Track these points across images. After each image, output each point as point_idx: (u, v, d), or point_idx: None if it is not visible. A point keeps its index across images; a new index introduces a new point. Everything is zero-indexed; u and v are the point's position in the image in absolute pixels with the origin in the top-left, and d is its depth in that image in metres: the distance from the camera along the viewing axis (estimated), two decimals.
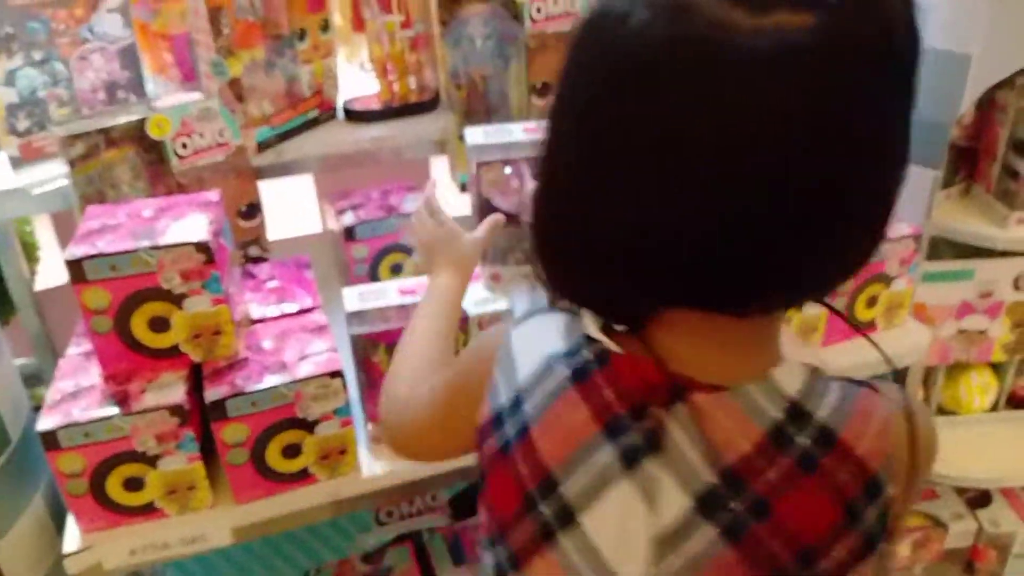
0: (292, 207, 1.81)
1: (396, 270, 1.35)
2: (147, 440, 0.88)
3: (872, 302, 1.20)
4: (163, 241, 0.86)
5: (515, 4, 1.24)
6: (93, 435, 0.86)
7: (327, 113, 1.46)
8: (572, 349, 0.54)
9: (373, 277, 1.33)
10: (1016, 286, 1.38)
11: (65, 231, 1.43)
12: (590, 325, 0.55)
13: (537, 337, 0.56)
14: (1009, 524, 1.55)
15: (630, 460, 0.50)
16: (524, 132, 1.07)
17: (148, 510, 0.93)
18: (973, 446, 1.45)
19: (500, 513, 0.55)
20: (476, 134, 1.06)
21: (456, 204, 1.34)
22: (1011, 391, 1.52)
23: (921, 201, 1.27)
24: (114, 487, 0.90)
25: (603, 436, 0.50)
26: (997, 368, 1.49)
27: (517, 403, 0.54)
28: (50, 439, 0.86)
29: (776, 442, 0.50)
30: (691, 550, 0.50)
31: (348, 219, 1.29)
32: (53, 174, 1.26)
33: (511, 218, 0.97)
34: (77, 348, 0.98)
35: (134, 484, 0.91)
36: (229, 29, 1.26)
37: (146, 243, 0.86)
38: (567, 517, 0.51)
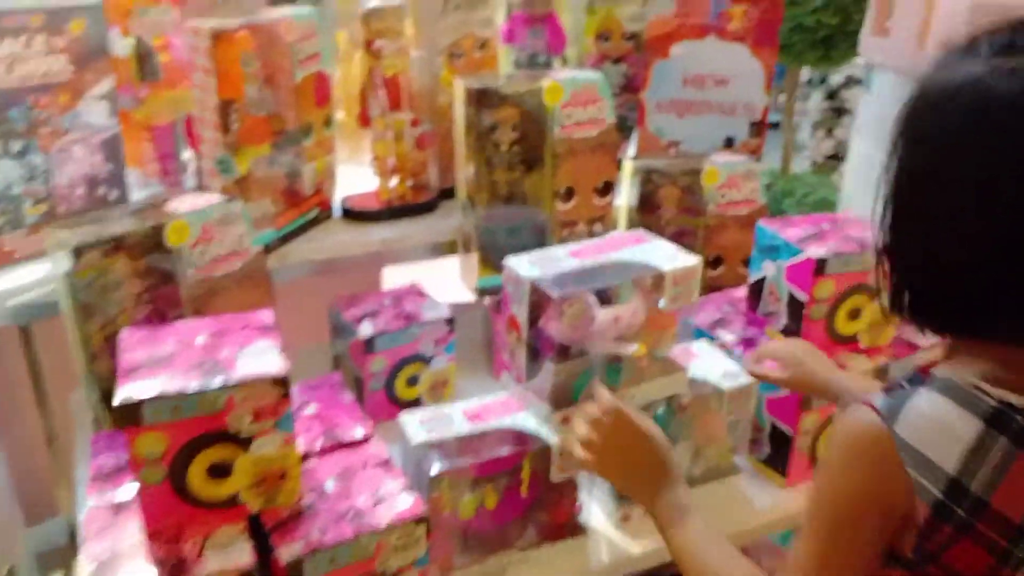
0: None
1: (413, 382, 1.26)
2: None
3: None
4: (236, 377, 0.75)
5: (546, 109, 1.22)
6: None
7: (326, 212, 1.37)
8: (992, 417, 0.59)
9: (389, 391, 1.23)
10: None
11: (45, 341, 1.25)
12: (984, 387, 0.60)
13: (935, 421, 0.60)
14: None
15: None
16: (571, 257, 0.98)
17: None
18: None
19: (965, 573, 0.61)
20: (522, 264, 0.93)
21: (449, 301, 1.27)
22: None
23: None
24: None
25: None
26: None
27: (957, 487, 0.59)
28: None
29: None
30: None
31: (366, 329, 1.20)
32: (26, 281, 1.10)
33: (568, 351, 0.90)
34: (100, 498, 0.83)
35: None
36: (238, 124, 1.17)
37: (219, 380, 0.74)
38: None
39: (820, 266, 1.08)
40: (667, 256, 0.95)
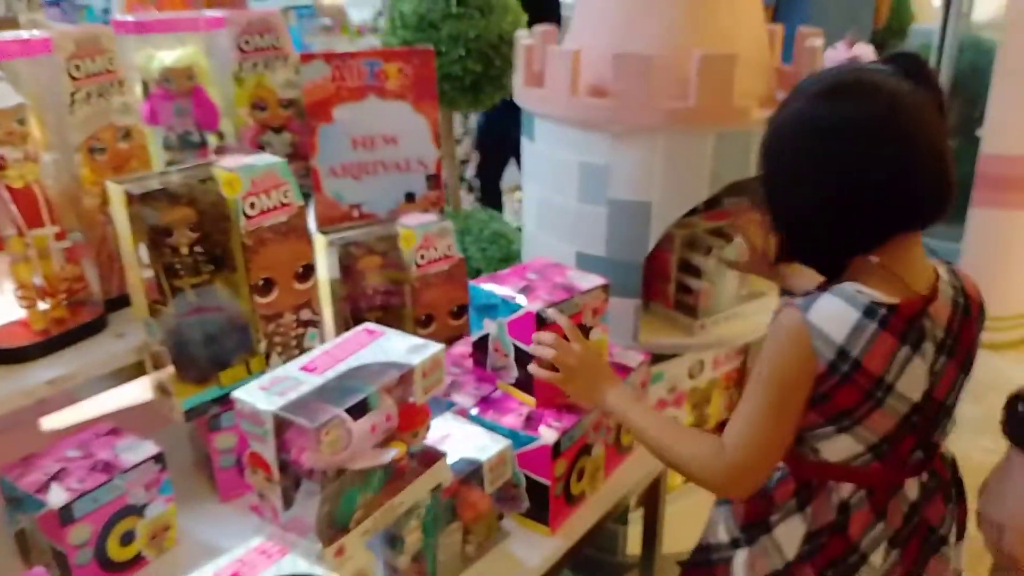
0: None
1: (128, 540, 1.06)
2: None
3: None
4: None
5: (227, 203, 1.10)
6: None
7: None
8: (868, 310, 0.92)
9: (101, 557, 1.02)
10: (690, 375, 1.64)
11: None
12: (864, 290, 0.93)
13: (832, 311, 0.92)
14: None
15: (916, 348, 0.94)
16: (306, 373, 0.85)
17: None
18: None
19: (847, 407, 0.94)
20: (253, 394, 0.82)
21: None
22: None
23: (628, 325, 1.44)
24: None
25: (903, 347, 0.93)
26: None
27: (843, 353, 0.91)
28: None
29: (958, 309, 0.98)
30: (939, 368, 0.96)
31: (58, 496, 0.97)
32: None
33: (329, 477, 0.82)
34: None
35: None
36: None
37: None
38: (890, 389, 0.93)
39: (540, 319, 1.12)
40: (408, 349, 0.91)
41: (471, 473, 1.03)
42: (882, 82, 0.90)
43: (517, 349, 1.16)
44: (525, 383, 1.17)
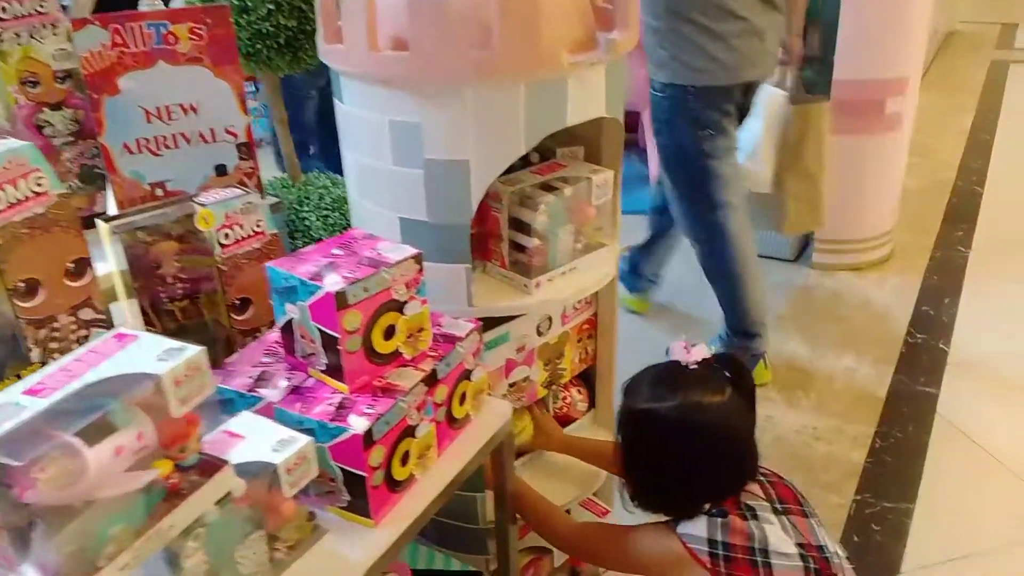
0: None
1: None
2: None
3: (463, 399, 1.25)
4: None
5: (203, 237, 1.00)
6: None
7: None
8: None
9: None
10: (539, 332, 1.59)
11: None
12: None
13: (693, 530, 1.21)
14: None
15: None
16: (30, 396, 0.80)
17: None
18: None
19: None
20: None
21: None
22: (554, 414, 1.77)
23: (461, 291, 1.37)
24: None
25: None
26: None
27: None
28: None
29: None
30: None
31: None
32: None
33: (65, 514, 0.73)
34: None
35: None
36: None
37: None
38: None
39: (341, 300, 1.03)
40: (160, 354, 0.81)
41: (267, 477, 0.95)
42: (703, 395, 1.23)
43: (323, 334, 1.07)
44: (336, 369, 1.09)
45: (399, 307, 1.12)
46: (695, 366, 1.24)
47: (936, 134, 4.99)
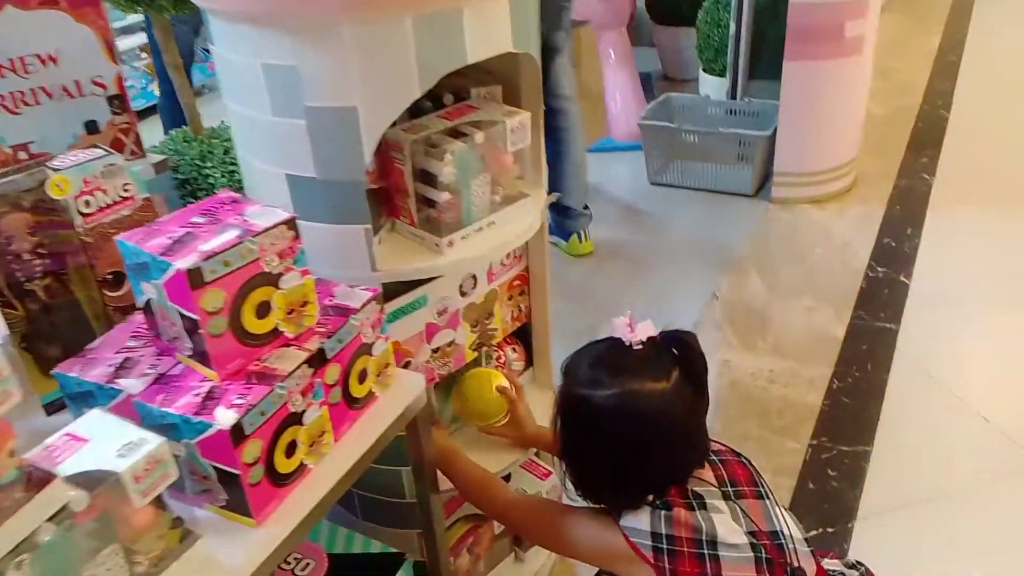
0: None
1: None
2: None
3: (363, 376, 1.13)
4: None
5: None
6: None
7: None
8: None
9: None
10: (462, 292, 1.46)
11: None
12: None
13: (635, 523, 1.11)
14: (533, 487, 1.71)
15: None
16: None
17: None
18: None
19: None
20: None
21: None
22: None
23: (361, 255, 1.23)
24: None
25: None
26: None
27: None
28: None
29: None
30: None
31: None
32: None
33: None
34: None
35: None
36: None
37: None
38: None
39: (195, 277, 0.90)
40: None
41: (113, 485, 0.82)
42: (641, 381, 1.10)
43: (183, 316, 0.94)
44: (203, 354, 0.96)
45: (273, 281, 0.99)
46: (639, 346, 1.11)
47: (901, 57, 4.85)
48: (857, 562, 1.28)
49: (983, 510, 1.90)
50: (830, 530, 1.85)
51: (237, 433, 0.92)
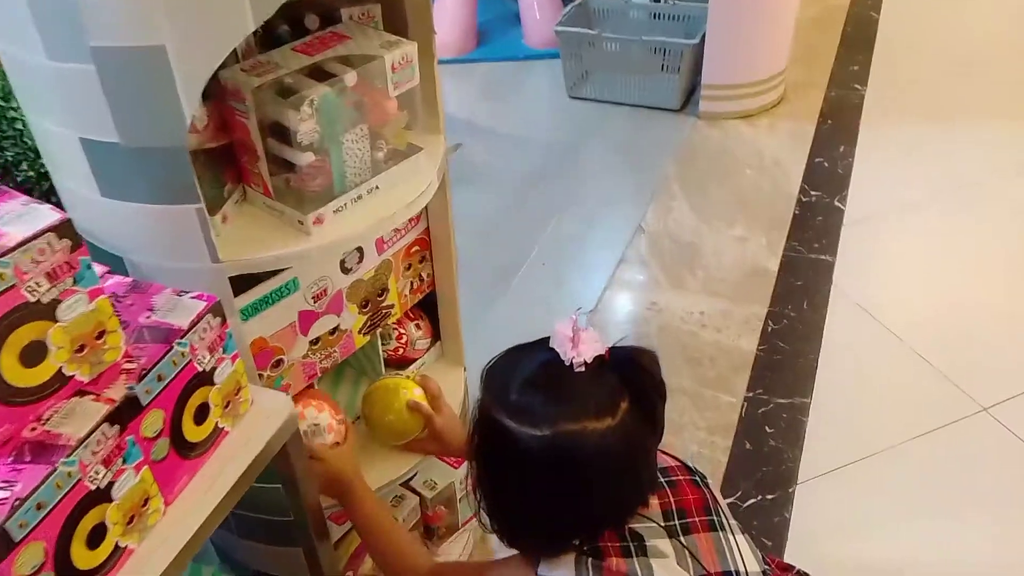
0: None
1: None
2: None
3: (203, 414, 0.85)
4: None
5: None
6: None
7: None
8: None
9: None
10: (345, 269, 1.18)
11: None
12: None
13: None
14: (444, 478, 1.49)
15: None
16: None
17: None
18: None
19: None
20: None
21: None
22: (386, 358, 1.40)
23: (198, 246, 0.93)
24: None
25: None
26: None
27: None
28: None
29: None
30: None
31: None
32: None
33: None
34: None
35: None
36: None
37: None
38: None
39: None
40: None
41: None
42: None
43: None
44: None
45: (44, 312, 0.69)
46: (581, 368, 0.85)
47: None
48: (798, 572, 1.12)
49: (928, 460, 1.78)
50: (769, 497, 1.71)
51: (1, 543, 0.64)
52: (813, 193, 2.67)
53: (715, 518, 0.96)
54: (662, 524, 0.92)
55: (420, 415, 1.23)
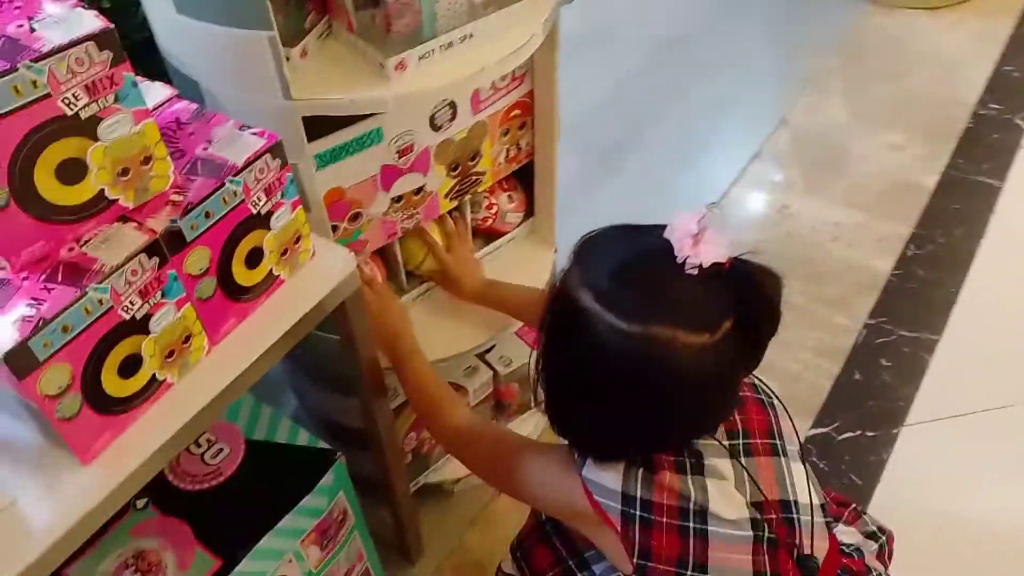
0: None
1: None
2: None
3: (256, 258, 0.81)
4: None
5: None
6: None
7: None
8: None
9: None
10: (434, 125, 1.10)
11: None
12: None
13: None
14: (520, 356, 1.44)
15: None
16: None
17: None
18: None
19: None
20: None
21: None
22: (474, 228, 1.33)
23: (269, 80, 0.86)
24: None
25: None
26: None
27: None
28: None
29: None
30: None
31: None
32: None
33: None
34: None
35: None
36: None
37: None
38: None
39: None
40: None
41: None
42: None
43: None
44: None
45: (84, 129, 0.64)
46: (693, 271, 0.73)
47: None
48: (879, 529, 1.01)
49: None
50: (870, 434, 1.57)
51: (24, 359, 0.63)
52: (993, 106, 2.33)
53: (778, 442, 0.86)
54: (725, 443, 0.83)
55: (424, 244, 1.24)
